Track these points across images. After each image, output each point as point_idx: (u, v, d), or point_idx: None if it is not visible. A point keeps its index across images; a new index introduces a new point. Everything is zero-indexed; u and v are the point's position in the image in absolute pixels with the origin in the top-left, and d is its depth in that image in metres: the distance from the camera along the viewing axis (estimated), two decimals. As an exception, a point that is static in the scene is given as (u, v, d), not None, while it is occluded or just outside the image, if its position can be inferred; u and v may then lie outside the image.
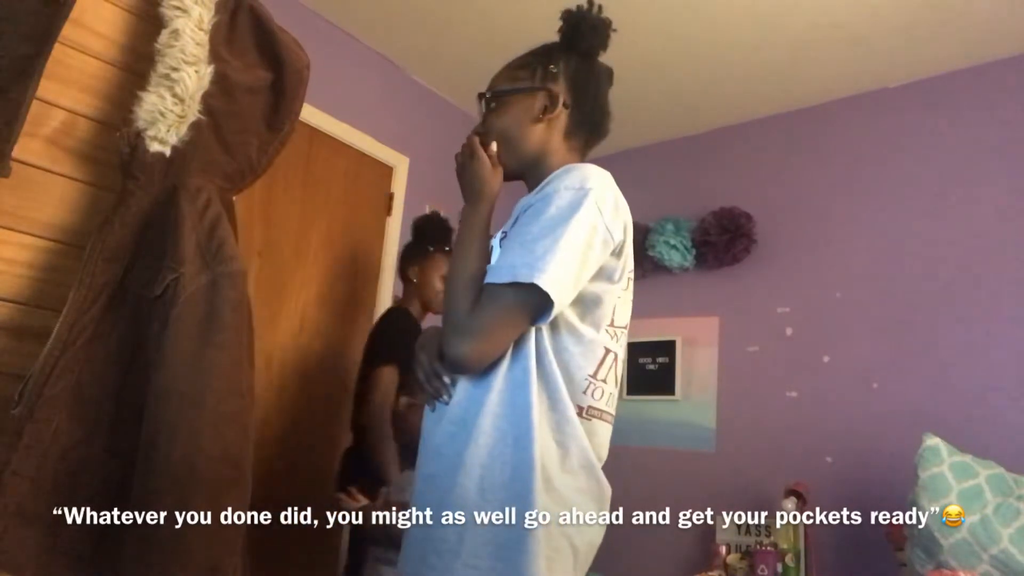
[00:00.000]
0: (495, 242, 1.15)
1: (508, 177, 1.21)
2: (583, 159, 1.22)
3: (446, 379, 1.07)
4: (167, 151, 1.19)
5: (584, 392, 1.07)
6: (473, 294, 1.03)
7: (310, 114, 2.68)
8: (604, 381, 1.09)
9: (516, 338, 1.04)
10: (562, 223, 1.01)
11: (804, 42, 2.76)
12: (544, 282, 0.97)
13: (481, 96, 1.23)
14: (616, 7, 1.24)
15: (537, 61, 1.21)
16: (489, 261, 1.10)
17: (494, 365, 1.03)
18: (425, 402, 1.12)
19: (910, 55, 2.77)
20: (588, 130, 1.22)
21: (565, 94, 1.19)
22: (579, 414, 1.06)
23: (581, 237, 1.02)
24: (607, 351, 1.10)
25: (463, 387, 1.06)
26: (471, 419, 1.03)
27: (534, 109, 1.19)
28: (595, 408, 1.08)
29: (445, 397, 1.07)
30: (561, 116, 1.19)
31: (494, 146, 1.18)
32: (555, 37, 1.24)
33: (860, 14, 2.57)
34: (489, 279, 1.03)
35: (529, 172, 1.20)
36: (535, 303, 1.00)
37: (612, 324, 1.11)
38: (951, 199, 2.73)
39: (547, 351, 1.04)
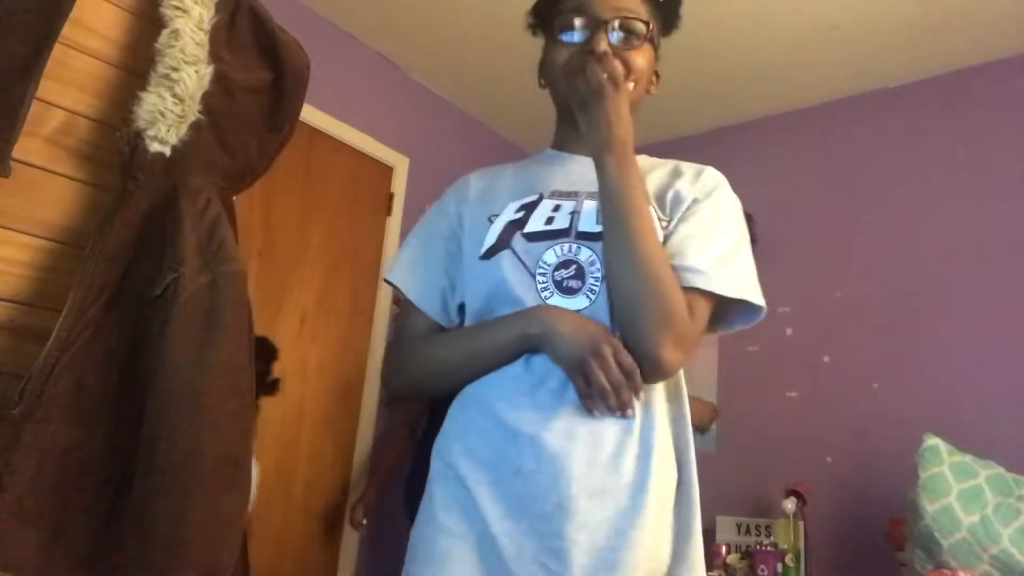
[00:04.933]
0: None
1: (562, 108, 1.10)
2: None
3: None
4: (167, 151, 1.19)
5: None
6: (679, 290, 0.91)
7: (310, 114, 2.68)
8: None
9: None
10: (744, 239, 1.05)
11: (804, 42, 2.76)
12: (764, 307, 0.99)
13: (644, 23, 1.04)
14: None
15: (655, 29, 1.09)
16: None
17: None
18: (600, 414, 0.90)
19: (910, 55, 2.77)
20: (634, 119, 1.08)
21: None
22: None
23: None
24: None
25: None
26: (646, 432, 0.91)
27: (655, 65, 1.11)
28: None
29: (631, 412, 0.90)
30: (647, 88, 1.11)
31: (631, 85, 1.02)
32: None
33: (860, 14, 2.58)
34: (720, 290, 0.94)
35: None
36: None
37: None
38: (951, 199, 2.73)
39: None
